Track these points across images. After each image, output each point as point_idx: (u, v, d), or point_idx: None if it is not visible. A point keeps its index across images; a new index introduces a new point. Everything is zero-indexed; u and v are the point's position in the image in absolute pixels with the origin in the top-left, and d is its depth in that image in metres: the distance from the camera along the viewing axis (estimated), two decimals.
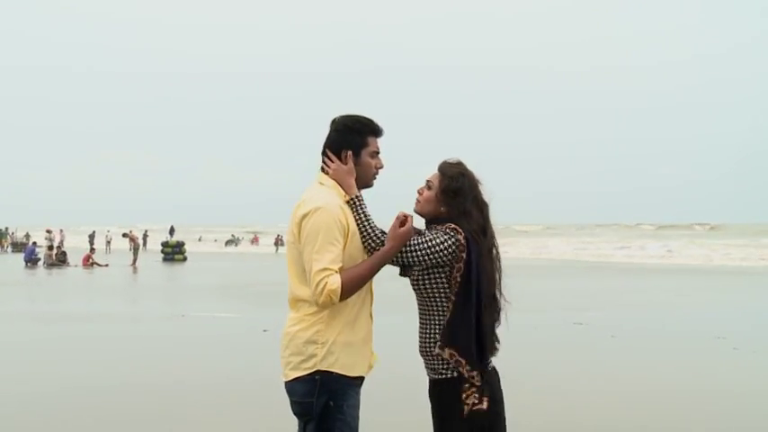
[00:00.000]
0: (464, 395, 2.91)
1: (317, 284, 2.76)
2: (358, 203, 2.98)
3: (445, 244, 2.92)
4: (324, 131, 3.11)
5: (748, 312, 14.05)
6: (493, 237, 3.08)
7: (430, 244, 2.92)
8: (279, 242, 49.10)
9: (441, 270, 2.95)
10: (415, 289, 3.05)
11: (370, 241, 2.94)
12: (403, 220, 2.92)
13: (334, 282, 2.76)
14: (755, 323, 12.49)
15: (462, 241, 2.93)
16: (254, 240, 59.97)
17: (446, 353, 2.93)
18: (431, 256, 2.91)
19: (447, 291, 2.95)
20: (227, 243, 58.64)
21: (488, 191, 3.11)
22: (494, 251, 3.08)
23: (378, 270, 2.92)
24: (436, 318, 2.98)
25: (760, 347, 9.72)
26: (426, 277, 2.97)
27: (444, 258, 2.92)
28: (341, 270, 2.80)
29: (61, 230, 43.51)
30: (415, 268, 2.99)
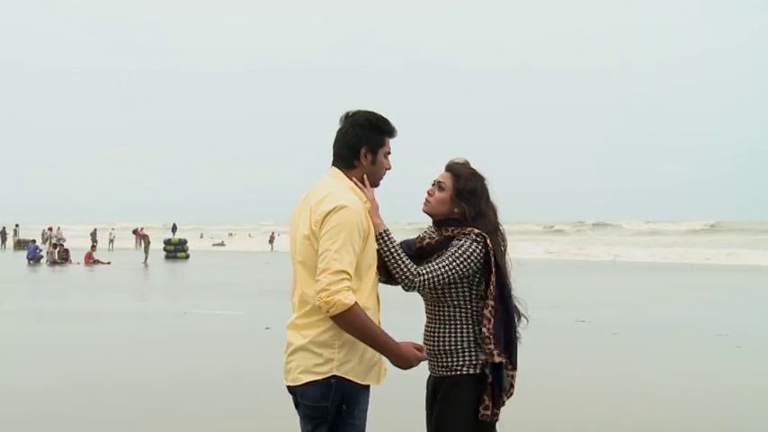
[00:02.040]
0: (484, 396, 2.94)
1: (333, 283, 2.64)
2: (387, 237, 2.92)
3: (476, 251, 2.92)
4: (326, 129, 3.00)
5: (751, 310, 14.03)
6: (504, 234, 3.10)
7: (466, 255, 2.92)
8: (274, 239, 49.01)
9: (464, 276, 2.95)
10: (432, 296, 3.03)
11: (402, 273, 2.91)
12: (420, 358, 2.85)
13: (350, 298, 2.65)
14: (758, 321, 12.47)
15: (491, 246, 2.94)
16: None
17: (496, 357, 2.94)
18: (464, 265, 2.91)
19: (466, 294, 2.96)
20: (215, 245, 59.01)
21: (494, 188, 3.12)
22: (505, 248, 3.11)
23: (372, 345, 2.77)
24: (462, 319, 2.97)
25: (762, 345, 9.72)
26: (448, 285, 2.96)
27: (475, 266, 2.94)
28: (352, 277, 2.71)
29: (59, 228, 43.44)
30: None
